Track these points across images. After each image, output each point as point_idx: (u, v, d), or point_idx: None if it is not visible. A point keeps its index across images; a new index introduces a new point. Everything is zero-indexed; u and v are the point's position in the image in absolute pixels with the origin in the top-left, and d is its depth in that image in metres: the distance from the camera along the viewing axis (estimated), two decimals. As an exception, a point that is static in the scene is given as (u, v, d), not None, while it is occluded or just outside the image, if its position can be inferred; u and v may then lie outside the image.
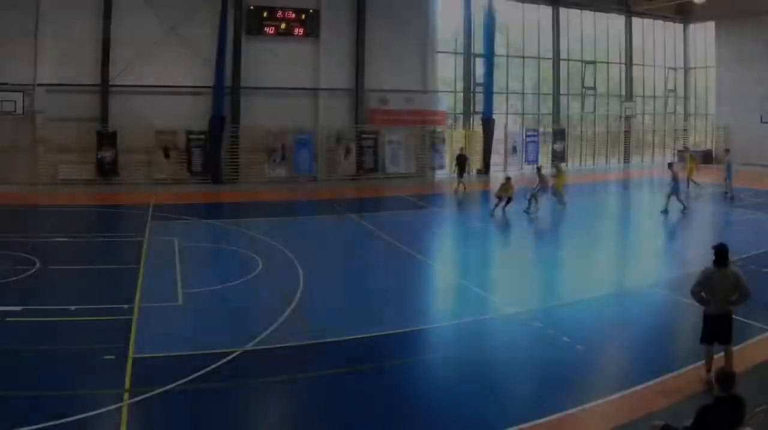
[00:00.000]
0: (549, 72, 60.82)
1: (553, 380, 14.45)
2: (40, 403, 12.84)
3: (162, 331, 17.16)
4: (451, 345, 17.01)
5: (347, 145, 49.56)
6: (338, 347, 16.31)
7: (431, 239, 30.78)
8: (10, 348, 15.57)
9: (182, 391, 13.49)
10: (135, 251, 25.80)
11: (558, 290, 22.38)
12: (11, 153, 42.79)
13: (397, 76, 51.63)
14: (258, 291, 21.35)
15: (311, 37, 48.97)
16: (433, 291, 22.67)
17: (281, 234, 29.55)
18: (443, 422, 12.69)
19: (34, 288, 20.88)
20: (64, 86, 43.29)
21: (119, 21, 44.26)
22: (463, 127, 56.20)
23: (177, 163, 45.99)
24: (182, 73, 46.06)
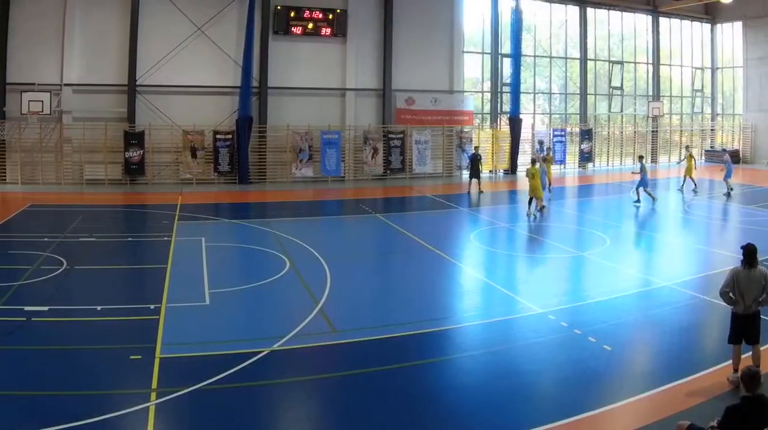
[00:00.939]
0: (576, 72, 60.39)
1: (580, 379, 14.34)
2: (67, 403, 12.82)
3: (189, 331, 17.10)
4: (477, 345, 16.72)
5: (374, 146, 49.26)
6: (365, 346, 16.25)
7: (457, 239, 30.29)
8: (36, 348, 15.63)
9: (209, 391, 13.46)
10: (162, 251, 25.75)
11: (584, 290, 22.05)
12: (38, 153, 42.96)
13: (424, 76, 51.53)
14: (285, 291, 21.15)
15: (338, 37, 48.77)
16: (459, 291, 22.09)
17: (308, 234, 29.47)
18: (470, 422, 12.57)
19: (61, 288, 20.74)
20: (91, 86, 43.44)
21: (146, 21, 44.21)
22: (490, 127, 55.81)
23: (204, 164, 45.79)
24: (209, 74, 46.10)
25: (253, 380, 14.19)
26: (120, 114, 44.24)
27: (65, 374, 14.18)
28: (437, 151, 51.72)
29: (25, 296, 19.55)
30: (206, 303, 19.50)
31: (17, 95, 41.28)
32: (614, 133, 63.15)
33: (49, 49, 42.93)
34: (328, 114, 48.78)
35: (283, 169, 47.76)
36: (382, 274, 24.61)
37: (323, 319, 18.16)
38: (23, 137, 42.53)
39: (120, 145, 43.85)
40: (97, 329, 17.20)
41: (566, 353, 15.91)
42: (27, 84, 41.56)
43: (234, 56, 46.20)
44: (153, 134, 44.55)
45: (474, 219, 34.25)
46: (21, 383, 13.73)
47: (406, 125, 50.52)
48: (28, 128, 42.16)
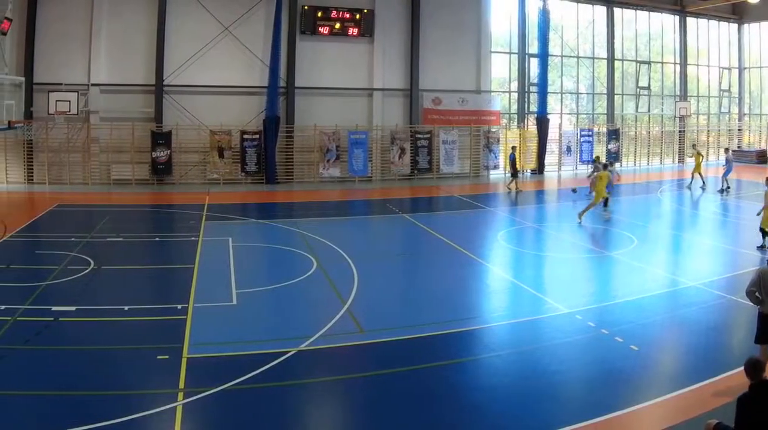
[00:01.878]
0: (603, 72, 59.74)
1: (607, 379, 14.28)
2: (94, 403, 12.84)
3: (216, 331, 17.03)
4: (504, 345, 16.57)
5: (401, 146, 48.92)
6: (393, 346, 16.22)
7: (485, 239, 29.90)
8: (64, 348, 15.63)
9: (236, 391, 13.43)
10: (189, 251, 25.66)
11: (611, 290, 21.77)
12: (65, 153, 43.00)
13: (452, 76, 51.27)
14: (312, 291, 21.00)
15: (365, 37, 48.54)
16: (486, 291, 21.95)
17: (335, 234, 29.24)
18: (498, 422, 12.55)
19: (88, 288, 20.68)
20: (118, 86, 43.53)
21: (174, 21, 44.25)
22: (517, 127, 55.35)
23: (231, 164, 45.73)
24: (236, 73, 46.00)
25: (280, 380, 14.12)
26: (147, 114, 44.28)
27: (92, 374, 14.16)
28: (464, 151, 51.37)
29: (52, 296, 19.53)
30: (233, 303, 19.43)
31: (44, 95, 41.29)
32: (641, 133, 62.71)
33: (76, 49, 42.98)
34: (355, 114, 48.56)
35: (310, 169, 47.58)
36: (410, 274, 24.39)
37: (350, 319, 18.09)
38: (50, 137, 42.59)
39: (147, 145, 43.88)
40: (124, 329, 17.16)
41: (593, 353, 15.86)
42: (54, 84, 41.58)
43: (261, 56, 46.12)
44: (180, 134, 44.53)
45: (501, 219, 34.00)
46: (48, 383, 13.69)
47: (433, 125, 50.16)
48: (56, 128, 42.13)
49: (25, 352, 15.25)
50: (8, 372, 14.17)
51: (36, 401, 13.00)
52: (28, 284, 20.56)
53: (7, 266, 22.84)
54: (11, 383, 13.61)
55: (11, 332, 16.35)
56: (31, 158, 42.99)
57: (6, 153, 42.68)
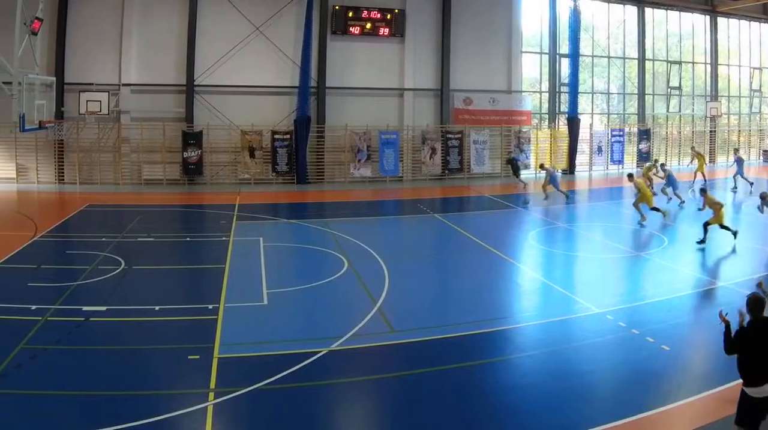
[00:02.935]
0: (634, 72, 59.37)
1: (637, 380, 14.12)
2: (126, 403, 12.82)
3: (247, 331, 16.99)
4: (535, 345, 16.44)
5: (432, 146, 48.62)
6: (423, 346, 16.11)
7: (515, 239, 29.76)
8: (95, 348, 15.67)
9: (267, 391, 13.38)
10: (220, 251, 25.63)
11: (642, 290, 21.57)
12: (96, 153, 43.23)
13: (482, 76, 50.92)
14: (343, 291, 20.92)
15: (396, 37, 48.27)
16: (517, 291, 21.86)
17: (366, 234, 29.17)
18: (529, 422, 12.46)
19: (119, 288, 20.62)
20: (149, 86, 43.63)
21: (204, 21, 44.24)
22: (548, 127, 55.14)
23: (262, 164, 45.39)
24: (267, 73, 45.92)
25: (311, 380, 14.05)
26: (178, 114, 44.32)
27: (123, 374, 14.14)
28: (495, 152, 50.89)
29: (83, 296, 19.49)
30: (264, 303, 19.39)
31: (75, 95, 41.36)
32: (672, 133, 62.16)
33: (107, 49, 43.11)
34: (386, 114, 48.20)
35: (341, 169, 47.36)
36: (441, 274, 24.35)
37: (381, 319, 18.03)
38: (81, 137, 42.80)
39: (178, 145, 43.81)
40: (155, 329, 17.22)
41: (624, 353, 15.74)
42: (85, 84, 41.77)
43: (292, 56, 45.98)
44: (211, 134, 44.42)
45: (532, 219, 33.77)
46: (79, 382, 13.68)
47: (464, 125, 49.79)
48: (86, 128, 42.34)
49: (56, 352, 15.18)
50: (39, 372, 14.08)
51: (67, 400, 12.91)
52: (59, 283, 20.53)
53: (38, 266, 22.77)
54: (43, 383, 13.52)
55: (42, 332, 16.30)
56: (62, 158, 43.18)
57: (37, 153, 42.84)
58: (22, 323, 16.88)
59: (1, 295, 19.43)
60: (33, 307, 18.04)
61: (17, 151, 42.65)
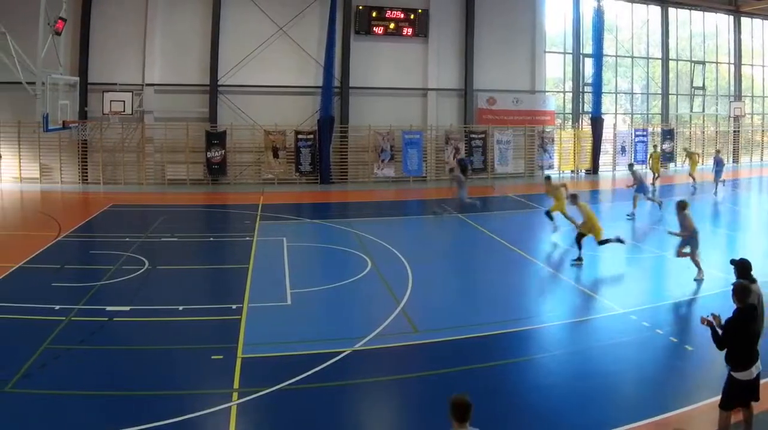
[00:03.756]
0: (658, 72, 59.03)
1: (661, 379, 14.09)
2: (149, 403, 12.80)
3: (270, 331, 16.92)
4: (559, 345, 16.41)
5: (456, 145, 48.38)
6: (447, 347, 15.98)
7: (539, 239, 29.64)
8: (118, 348, 15.59)
9: (291, 391, 13.32)
10: (243, 251, 25.58)
11: (665, 290, 21.63)
12: (120, 153, 43.26)
13: (506, 76, 50.66)
14: (366, 291, 20.84)
15: (420, 37, 48.05)
16: (540, 291, 21.82)
17: (389, 234, 28.85)
18: (553, 422, 12.36)
19: (143, 288, 20.60)
20: (172, 86, 43.67)
21: (228, 21, 44.29)
22: (572, 127, 54.66)
23: (285, 163, 45.18)
24: (291, 73, 45.85)
25: (334, 380, 13.98)
26: (201, 114, 44.25)
27: (147, 374, 14.14)
28: (519, 151, 50.70)
29: (106, 296, 19.43)
30: (288, 303, 19.30)
31: (99, 95, 41.49)
32: (696, 133, 61.56)
33: (130, 49, 43.20)
34: (409, 114, 48.03)
35: (364, 169, 47.15)
36: (464, 274, 24.10)
37: (405, 319, 17.87)
38: (105, 137, 42.94)
39: (201, 145, 43.65)
40: (178, 329, 17.18)
41: (648, 353, 15.65)
42: (109, 84, 41.82)
43: (316, 56, 45.80)
44: (234, 134, 44.32)
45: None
46: (103, 382, 13.67)
47: (487, 125, 49.52)
48: (110, 128, 42.60)
49: (79, 352, 15.17)
50: (63, 372, 14.07)
51: (90, 400, 12.89)
52: (83, 283, 20.48)
53: (62, 266, 22.74)
54: (66, 382, 13.50)
55: (66, 332, 16.28)
56: (86, 158, 43.15)
57: (61, 153, 42.92)
58: (46, 323, 16.84)
59: (25, 295, 19.44)
60: (57, 307, 18.00)
61: (41, 152, 42.70)
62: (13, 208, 36.21)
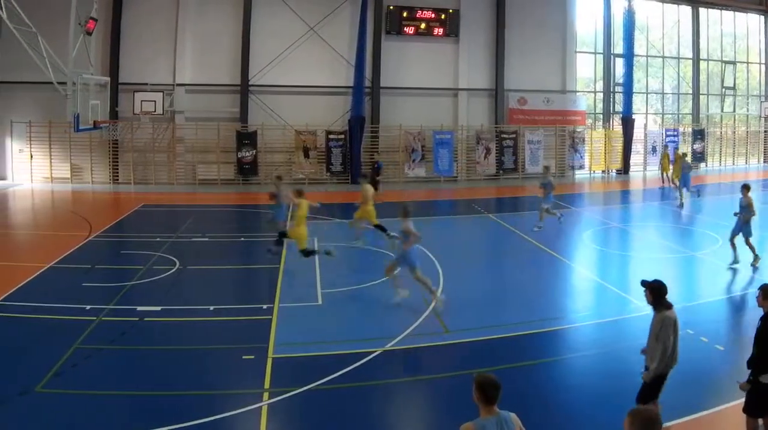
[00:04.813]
0: (689, 72, 58.42)
1: (692, 380, 13.74)
2: (180, 403, 12.80)
3: (301, 331, 16.85)
4: (589, 345, 16.30)
5: (487, 146, 48.05)
6: (478, 347, 15.90)
7: (570, 239, 29.26)
8: (149, 348, 15.60)
9: (321, 391, 13.28)
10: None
11: (696, 289, 21.37)
12: (150, 153, 43.37)
13: (537, 76, 50.31)
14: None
15: (451, 37, 47.82)
16: (571, 291, 21.66)
17: (420, 234, 28.64)
18: (583, 422, 12.36)
19: (173, 288, 20.62)
20: (203, 86, 43.76)
21: (259, 21, 44.26)
22: (602, 127, 54.26)
23: (316, 163, 45.03)
24: (321, 73, 45.80)
25: (365, 380, 13.94)
26: (232, 114, 44.21)
27: (178, 374, 14.16)
28: (550, 151, 50.33)
29: (137, 296, 19.49)
30: (319, 303, 19.27)
31: (130, 95, 41.66)
32: (726, 133, 60.75)
33: (161, 49, 43.32)
34: (440, 114, 47.74)
35: (395, 169, 46.63)
36: (495, 274, 23.86)
37: (436, 319, 17.73)
38: (135, 137, 43.13)
39: (232, 145, 43.67)
40: (209, 329, 17.13)
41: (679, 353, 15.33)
42: (139, 84, 42.02)
43: (346, 56, 45.71)
44: (266, 134, 44.25)
45: (586, 219, 33.34)
46: (133, 382, 13.68)
47: (518, 125, 49.16)
48: (141, 128, 42.73)
49: (110, 352, 15.19)
50: (94, 372, 14.09)
51: (121, 400, 12.92)
52: (114, 284, 20.50)
53: (93, 266, 22.71)
54: (97, 382, 13.52)
55: (97, 332, 16.31)
56: (117, 158, 43.30)
57: (91, 153, 43.11)
58: (77, 323, 16.86)
59: (57, 295, 19.40)
60: (88, 307, 18.02)
61: (72, 152, 42.93)
62: (44, 208, 36.36)
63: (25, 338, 16.13)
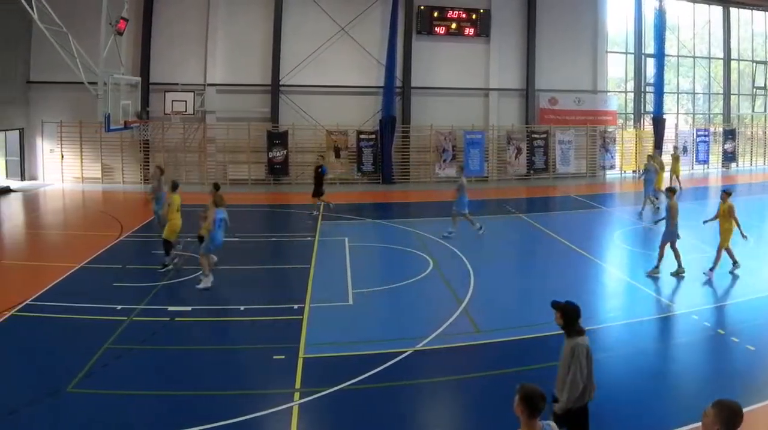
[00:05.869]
0: (720, 72, 57.67)
1: (722, 379, 13.92)
2: (211, 402, 12.85)
3: (332, 331, 16.85)
4: (620, 345, 16.24)
5: (518, 146, 47.63)
6: (509, 346, 15.92)
7: (601, 239, 29.34)
8: (180, 348, 15.71)
9: (352, 391, 13.27)
10: (305, 251, 25.50)
11: (727, 290, 21.13)
12: (181, 153, 43.27)
13: (568, 75, 49.82)
14: (428, 291, 20.63)
15: (481, 37, 47.36)
16: (602, 291, 21.61)
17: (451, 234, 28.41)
18: (613, 421, 12.17)
19: (204, 288, 20.41)
20: (234, 86, 43.52)
21: (289, 21, 44.01)
22: (633, 127, 53.72)
23: (347, 163, 44.77)
24: (352, 73, 45.44)
25: (395, 380, 13.90)
26: (263, 114, 43.91)
27: (209, 374, 14.21)
28: (581, 151, 49.76)
29: (168, 296, 19.62)
30: (349, 303, 19.24)
31: (161, 95, 41.69)
32: (757, 133, 60.10)
33: (192, 49, 43.20)
34: (471, 114, 47.22)
35: (426, 169, 46.38)
36: (526, 274, 23.78)
37: (467, 319, 17.76)
38: (166, 137, 42.91)
39: (263, 145, 43.44)
40: (240, 329, 17.29)
41: (709, 353, 15.71)
42: (170, 84, 42.00)
43: (377, 56, 45.37)
44: (296, 134, 43.91)
45: (618, 219, 33.03)
46: (165, 382, 13.78)
47: (549, 125, 48.70)
48: (172, 128, 42.52)
49: (141, 352, 15.23)
50: (125, 372, 14.14)
51: (152, 400, 12.95)
52: (144, 283, 20.50)
53: (124, 266, 22.75)
54: (128, 382, 13.57)
55: (128, 332, 16.35)
56: (147, 158, 43.05)
57: (122, 153, 42.94)
58: (108, 322, 16.91)
59: (87, 295, 19.40)
60: (118, 307, 18.05)
61: (102, 152, 42.78)
62: (75, 208, 36.26)
63: (56, 338, 16.11)
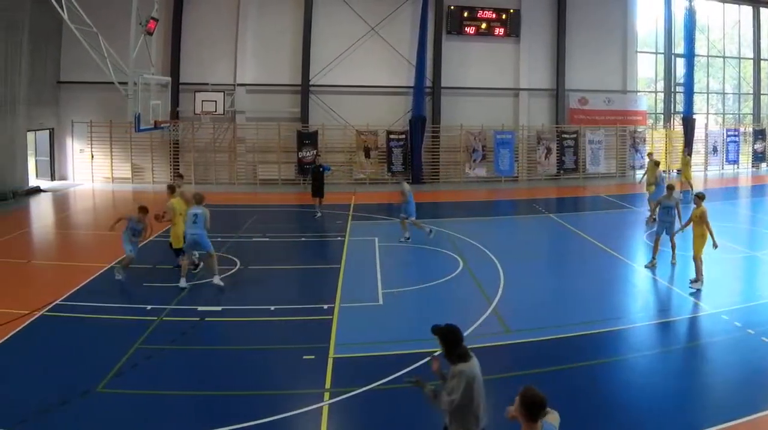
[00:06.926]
0: (749, 72, 57.04)
1: (753, 380, 13.72)
2: (241, 403, 12.80)
3: (362, 331, 16.77)
4: (650, 345, 16.13)
5: (548, 146, 47.30)
6: (539, 346, 15.78)
7: (630, 239, 28.73)
8: (210, 348, 15.64)
9: (382, 391, 13.24)
10: (335, 250, 25.43)
11: (757, 289, 20.74)
12: (211, 153, 43.13)
13: (597, 75, 49.38)
14: (458, 291, 20.42)
15: (511, 37, 47.03)
16: (632, 291, 21.10)
17: (481, 234, 28.32)
18: (644, 421, 12.14)
19: (234, 288, 20.42)
20: (264, 86, 43.44)
21: (320, 21, 43.77)
22: (663, 127, 53.30)
23: (377, 163, 44.52)
24: (382, 73, 45.26)
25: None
26: (293, 114, 43.76)
27: (239, 374, 14.14)
28: (611, 152, 49.26)
29: (198, 296, 19.45)
30: (379, 303, 19.12)
31: (191, 95, 41.68)
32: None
33: (222, 49, 43.15)
34: (501, 114, 46.93)
35: (456, 169, 46.04)
36: (556, 274, 23.55)
37: (497, 319, 17.64)
38: (196, 137, 42.90)
39: (293, 145, 43.25)
40: (270, 328, 17.14)
41: (739, 353, 15.29)
42: (200, 84, 41.97)
43: (407, 56, 45.14)
44: (326, 134, 43.74)
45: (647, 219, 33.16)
46: (194, 382, 13.80)
47: (579, 125, 48.28)
48: (202, 128, 42.51)
49: (171, 352, 15.24)
50: (155, 372, 14.13)
51: (182, 400, 12.97)
52: (174, 284, 20.33)
53: (154, 266, 22.68)
54: (158, 383, 13.55)
55: (158, 332, 16.39)
56: (177, 158, 43.07)
57: (152, 153, 42.94)
58: (138, 323, 16.94)
59: (118, 295, 19.62)
60: (148, 307, 18.12)
61: (132, 152, 42.81)
62: (105, 207, 36.13)
63: (86, 338, 16.11)
